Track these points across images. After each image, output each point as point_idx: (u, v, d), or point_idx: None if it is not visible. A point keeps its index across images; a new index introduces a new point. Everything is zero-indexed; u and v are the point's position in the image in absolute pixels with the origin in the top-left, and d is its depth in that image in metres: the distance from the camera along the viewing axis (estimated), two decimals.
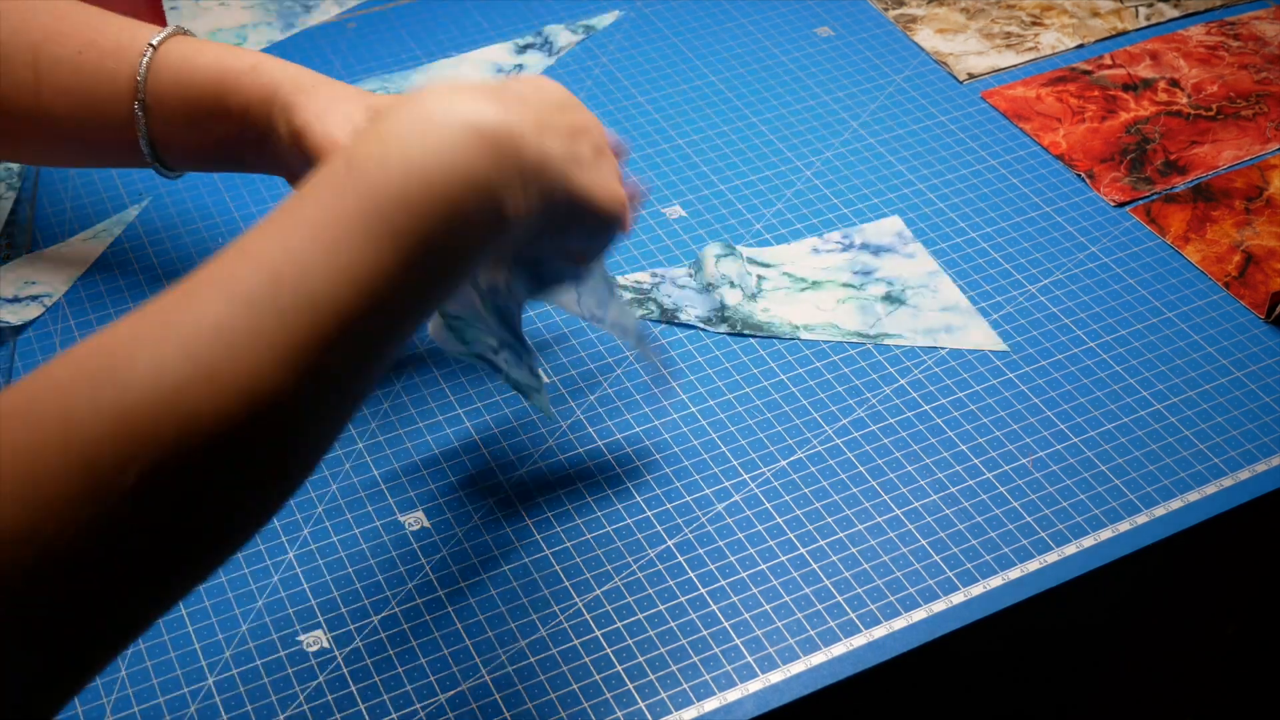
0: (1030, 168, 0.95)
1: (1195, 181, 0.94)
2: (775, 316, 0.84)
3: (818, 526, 0.72)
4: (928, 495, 0.74)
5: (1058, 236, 0.90)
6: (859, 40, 1.07)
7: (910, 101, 1.01)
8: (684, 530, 0.72)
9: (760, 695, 0.65)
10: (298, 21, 1.09)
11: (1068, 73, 1.03)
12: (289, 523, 0.72)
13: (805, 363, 0.81)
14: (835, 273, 0.87)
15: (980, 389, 0.80)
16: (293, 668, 0.66)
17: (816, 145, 0.97)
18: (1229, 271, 0.87)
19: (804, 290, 0.85)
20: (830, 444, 0.77)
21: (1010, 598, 0.69)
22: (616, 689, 0.65)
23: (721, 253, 0.86)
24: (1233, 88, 1.02)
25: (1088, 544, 0.71)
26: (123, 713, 0.64)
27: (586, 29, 1.08)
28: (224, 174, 0.93)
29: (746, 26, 1.08)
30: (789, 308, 0.84)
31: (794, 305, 0.84)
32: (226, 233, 0.89)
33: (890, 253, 0.88)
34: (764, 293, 0.85)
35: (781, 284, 0.86)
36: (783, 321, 0.83)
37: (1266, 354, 0.82)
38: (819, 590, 0.69)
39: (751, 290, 0.84)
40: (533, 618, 0.68)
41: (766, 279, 0.86)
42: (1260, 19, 1.09)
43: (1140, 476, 0.75)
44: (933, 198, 0.93)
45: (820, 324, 0.83)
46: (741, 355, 0.82)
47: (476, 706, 0.65)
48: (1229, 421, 0.78)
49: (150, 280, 0.86)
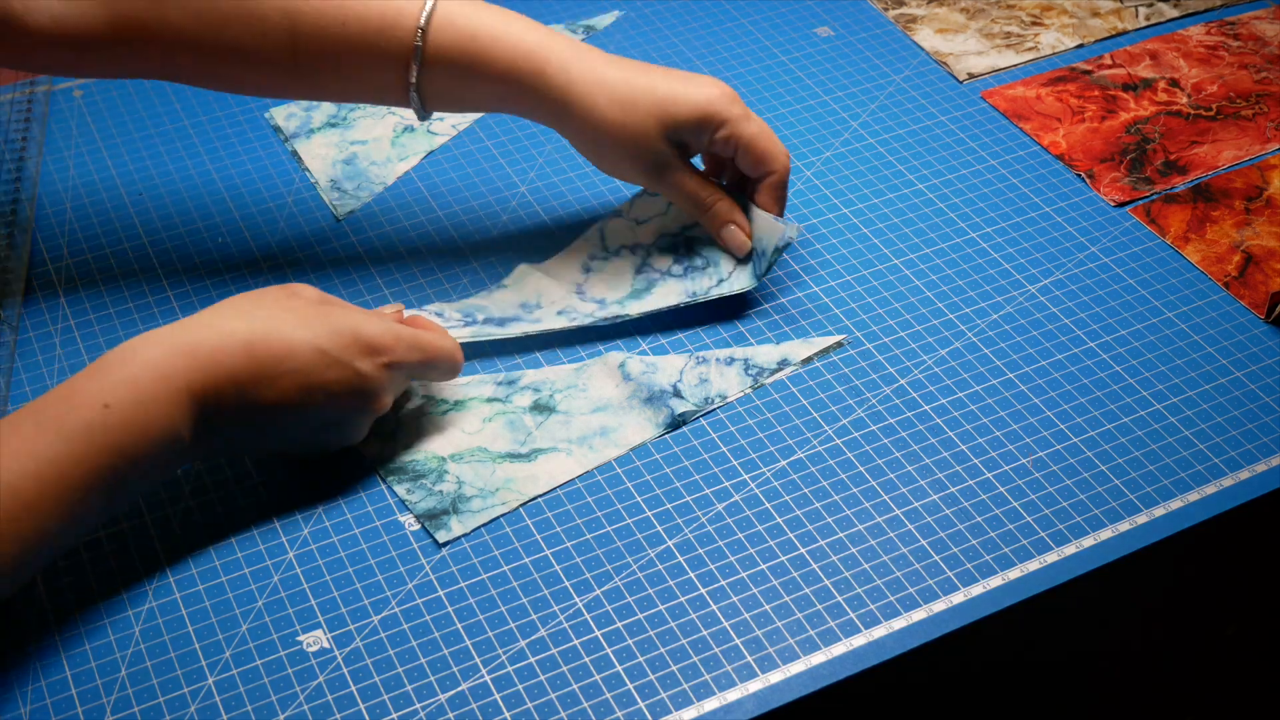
0: (1030, 168, 0.95)
1: (1195, 181, 0.94)
2: (419, 452, 0.75)
3: (818, 526, 0.72)
4: (928, 495, 0.74)
5: (1058, 236, 0.90)
6: (859, 40, 1.07)
7: (910, 101, 1.01)
8: (684, 530, 0.72)
9: (760, 695, 0.65)
10: None
11: (1068, 73, 1.03)
12: (289, 522, 0.72)
13: (805, 363, 0.81)
14: (476, 387, 0.79)
15: (980, 389, 0.80)
16: (293, 668, 0.66)
17: (816, 145, 0.97)
18: (1229, 271, 0.87)
19: (446, 413, 0.77)
20: (830, 444, 0.77)
21: (1010, 597, 0.69)
22: (616, 689, 0.65)
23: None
24: (1233, 88, 1.02)
25: (1088, 544, 0.71)
26: (123, 712, 0.64)
27: (586, 29, 1.08)
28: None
29: (746, 26, 1.08)
30: (434, 438, 0.75)
31: (439, 434, 0.76)
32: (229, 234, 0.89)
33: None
34: (404, 427, 0.76)
35: (422, 410, 0.77)
36: (428, 456, 0.75)
37: (1266, 354, 0.82)
38: (819, 590, 0.69)
39: (391, 429, 0.76)
40: (533, 618, 0.68)
41: (405, 408, 0.77)
42: (1260, 19, 1.09)
43: (1140, 476, 0.75)
44: (933, 198, 0.93)
45: (468, 450, 0.75)
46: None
47: (476, 706, 0.65)
48: (1229, 421, 0.78)
49: (151, 283, 0.86)
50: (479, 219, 0.91)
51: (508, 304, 0.83)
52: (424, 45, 0.78)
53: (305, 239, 0.89)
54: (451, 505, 0.73)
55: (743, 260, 0.84)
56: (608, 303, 0.83)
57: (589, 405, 0.78)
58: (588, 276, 0.85)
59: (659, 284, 0.84)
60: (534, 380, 0.79)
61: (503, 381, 0.79)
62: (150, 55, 0.79)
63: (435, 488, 0.73)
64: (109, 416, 0.63)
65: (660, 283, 0.84)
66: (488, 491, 0.73)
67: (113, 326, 0.83)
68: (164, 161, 0.95)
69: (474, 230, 0.90)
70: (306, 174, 0.94)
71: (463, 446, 0.75)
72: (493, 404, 0.78)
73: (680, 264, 0.85)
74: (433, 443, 0.76)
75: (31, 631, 0.67)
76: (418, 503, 0.73)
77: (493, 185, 0.94)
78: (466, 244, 0.89)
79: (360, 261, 0.88)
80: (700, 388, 0.79)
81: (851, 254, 0.88)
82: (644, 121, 0.79)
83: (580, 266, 0.85)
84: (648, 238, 0.86)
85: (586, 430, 0.76)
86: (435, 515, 0.72)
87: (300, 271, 0.87)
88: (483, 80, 0.80)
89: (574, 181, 0.94)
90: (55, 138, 0.97)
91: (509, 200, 0.92)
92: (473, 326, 0.81)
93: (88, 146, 0.96)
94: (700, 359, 0.80)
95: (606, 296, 0.83)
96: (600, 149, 0.82)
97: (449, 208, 0.92)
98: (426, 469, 0.74)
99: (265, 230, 0.90)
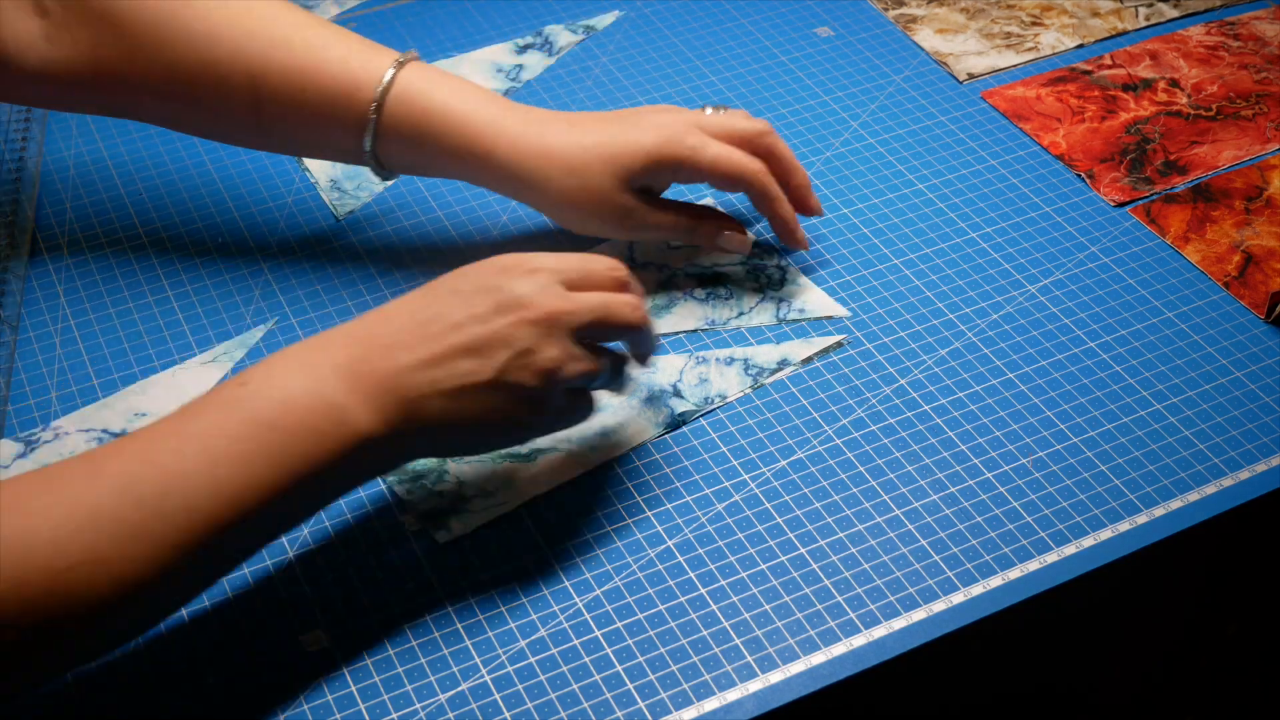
0: (1030, 168, 0.95)
1: (1195, 181, 0.94)
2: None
3: (818, 526, 0.72)
4: (928, 495, 0.74)
5: (1058, 236, 0.90)
6: (859, 40, 1.07)
7: (910, 101, 1.01)
8: (684, 530, 0.72)
9: (760, 695, 0.65)
10: None
11: (1068, 73, 1.03)
12: None
13: (805, 363, 0.81)
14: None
15: (980, 389, 0.80)
16: (293, 668, 0.66)
17: (816, 145, 0.97)
18: (1229, 271, 0.87)
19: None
20: (830, 444, 0.77)
21: (1010, 598, 0.69)
22: (616, 689, 0.65)
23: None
24: (1233, 88, 1.02)
25: (1088, 544, 0.71)
26: (123, 713, 0.64)
27: (586, 29, 1.08)
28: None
29: (746, 26, 1.08)
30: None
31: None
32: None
33: None
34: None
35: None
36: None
37: (1266, 354, 0.82)
38: (819, 590, 0.69)
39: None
40: (533, 618, 0.68)
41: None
42: (1260, 19, 1.09)
43: (1140, 476, 0.75)
44: (933, 198, 0.93)
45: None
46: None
47: (476, 706, 0.65)
48: (1229, 421, 0.78)
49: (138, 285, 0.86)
50: (479, 219, 0.91)
51: None
52: (378, 118, 0.80)
53: (305, 239, 0.89)
54: (451, 506, 0.73)
55: (766, 297, 0.85)
56: None
57: None
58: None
59: (680, 304, 0.84)
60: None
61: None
62: (124, 99, 0.82)
63: (435, 488, 0.73)
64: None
65: (681, 303, 0.84)
66: (487, 492, 0.73)
67: (113, 326, 0.83)
68: (164, 161, 0.95)
69: (474, 230, 0.90)
70: (306, 174, 0.94)
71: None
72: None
73: (704, 289, 0.85)
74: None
75: None
76: (418, 503, 0.73)
77: None
78: (466, 244, 0.89)
79: (360, 261, 0.88)
80: (700, 387, 0.79)
81: (851, 254, 0.88)
82: (600, 182, 0.80)
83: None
84: (678, 262, 0.87)
85: (587, 431, 0.76)
86: (435, 516, 0.72)
87: (300, 271, 0.87)
88: (436, 156, 0.81)
89: None
90: (55, 138, 0.97)
91: (509, 200, 0.92)
92: None
93: (88, 147, 0.96)
94: (700, 359, 0.80)
95: None
96: (564, 217, 0.82)
97: (449, 208, 0.92)
98: (426, 469, 0.74)
99: (265, 230, 0.90)
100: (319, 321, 0.83)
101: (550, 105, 1.00)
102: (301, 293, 0.85)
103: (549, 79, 1.03)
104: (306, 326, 0.83)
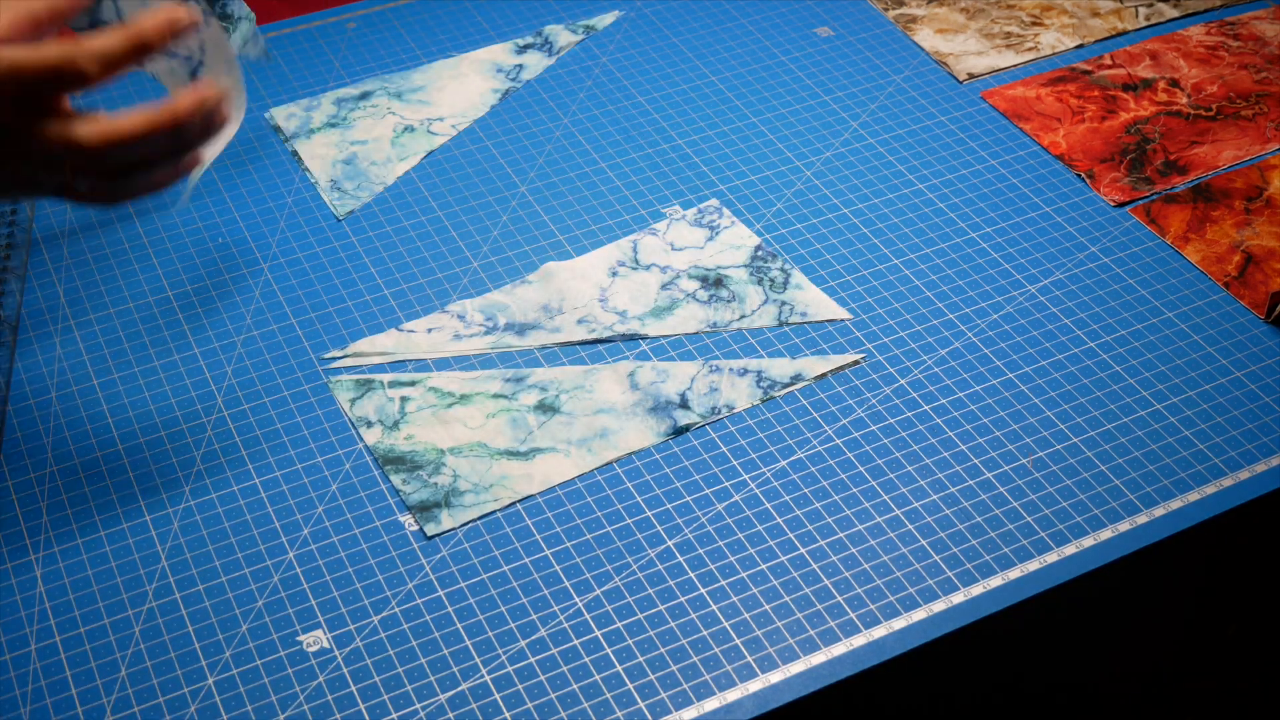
0: (1030, 168, 0.95)
1: (1195, 181, 0.94)
2: (419, 443, 0.76)
3: (818, 526, 0.72)
4: (928, 495, 0.74)
5: (1058, 236, 0.90)
6: (859, 40, 1.07)
7: (910, 101, 1.01)
8: (684, 530, 0.72)
9: (760, 695, 0.65)
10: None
11: (1067, 73, 1.03)
12: (289, 523, 0.72)
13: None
14: (484, 382, 0.79)
15: (980, 389, 0.80)
16: (293, 668, 0.66)
17: (816, 145, 0.97)
18: (1229, 271, 0.87)
19: (451, 406, 0.78)
20: (830, 444, 0.77)
21: (1010, 598, 0.69)
22: (616, 689, 0.65)
23: (355, 395, 0.79)
24: (1233, 88, 1.02)
25: (1088, 544, 0.71)
26: (123, 713, 0.64)
27: (586, 29, 1.08)
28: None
29: (746, 26, 1.08)
30: (436, 429, 0.76)
31: (442, 426, 0.77)
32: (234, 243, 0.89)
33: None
34: (407, 417, 0.77)
35: (428, 401, 0.78)
36: (427, 447, 0.76)
37: (1266, 354, 0.82)
38: (819, 590, 0.69)
39: (394, 419, 0.77)
40: (533, 618, 0.68)
41: (411, 399, 0.78)
42: (1260, 19, 1.09)
43: (1140, 476, 0.75)
44: (933, 198, 0.93)
45: (468, 444, 0.76)
46: (741, 356, 0.82)
47: (476, 706, 0.65)
48: (1229, 421, 0.78)
49: (152, 284, 0.86)
50: (479, 219, 0.91)
51: (529, 304, 0.84)
52: None
53: (305, 239, 0.89)
54: (444, 498, 0.73)
55: (768, 299, 0.85)
56: (628, 316, 0.83)
57: (593, 406, 0.78)
58: (613, 281, 0.85)
59: (681, 305, 0.84)
60: (542, 379, 0.79)
61: (510, 378, 0.79)
62: None
63: (430, 480, 0.74)
64: None
65: (683, 304, 0.84)
66: (481, 487, 0.73)
67: (113, 326, 0.83)
68: None
69: (474, 230, 0.90)
70: (306, 174, 0.94)
71: (463, 440, 0.76)
72: (498, 400, 0.78)
73: (706, 291, 0.85)
74: (434, 435, 0.76)
75: (32, 632, 0.67)
76: (411, 494, 0.73)
77: (493, 185, 0.94)
78: (467, 244, 0.89)
79: (360, 261, 0.88)
80: (709, 396, 0.79)
81: (851, 254, 0.88)
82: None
83: (607, 270, 0.86)
84: (680, 264, 0.87)
85: (588, 432, 0.77)
86: (427, 507, 0.72)
87: (300, 271, 0.87)
88: None
89: (574, 181, 0.94)
90: None
91: (509, 200, 0.92)
92: (493, 335, 0.82)
93: None
94: (714, 367, 0.80)
95: (629, 309, 0.84)
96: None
97: (449, 208, 0.92)
98: (425, 460, 0.75)
99: (265, 230, 0.90)
100: (319, 321, 0.83)
101: (550, 105, 1.00)
102: (302, 293, 0.85)
103: (549, 79, 1.03)
104: (307, 326, 0.83)
